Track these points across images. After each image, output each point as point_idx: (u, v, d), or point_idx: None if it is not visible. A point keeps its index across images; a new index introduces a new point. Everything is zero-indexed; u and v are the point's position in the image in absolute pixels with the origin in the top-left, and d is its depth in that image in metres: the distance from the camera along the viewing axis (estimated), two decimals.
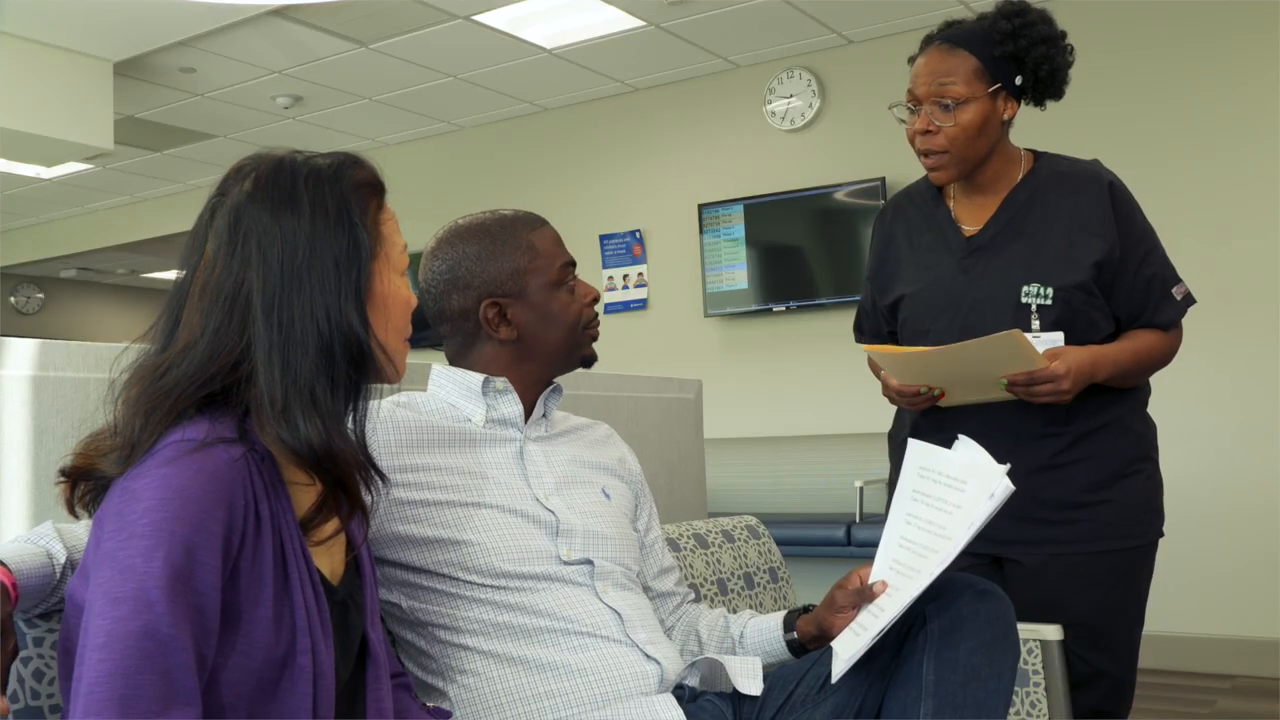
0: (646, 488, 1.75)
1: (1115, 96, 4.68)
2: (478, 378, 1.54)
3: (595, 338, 1.63)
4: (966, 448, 1.44)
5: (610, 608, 1.46)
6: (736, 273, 5.61)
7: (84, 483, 1.05)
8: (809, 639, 1.58)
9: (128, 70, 5.38)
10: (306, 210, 1.07)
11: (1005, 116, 1.91)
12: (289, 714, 1.01)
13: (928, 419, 1.95)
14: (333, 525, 1.10)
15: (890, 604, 1.40)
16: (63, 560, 1.09)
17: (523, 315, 1.55)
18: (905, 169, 5.26)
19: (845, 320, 5.40)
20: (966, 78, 1.85)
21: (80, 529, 1.12)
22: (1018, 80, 1.88)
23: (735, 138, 5.72)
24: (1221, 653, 4.33)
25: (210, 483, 0.98)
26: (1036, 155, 1.98)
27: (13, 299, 10.69)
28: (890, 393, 1.93)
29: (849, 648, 1.41)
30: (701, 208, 5.70)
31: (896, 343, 2.05)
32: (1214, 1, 4.51)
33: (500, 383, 1.54)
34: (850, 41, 5.35)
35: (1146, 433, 1.96)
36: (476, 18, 4.92)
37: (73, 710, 0.91)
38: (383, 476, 1.15)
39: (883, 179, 5.17)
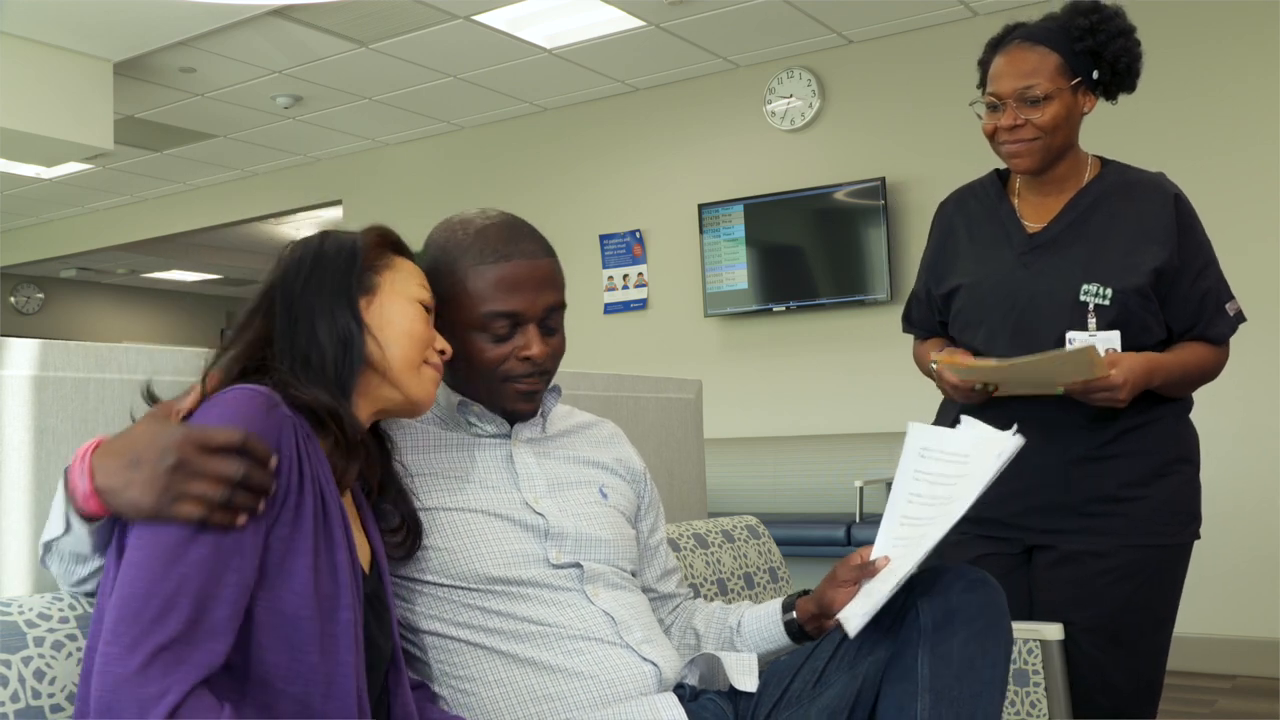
0: (654, 489, 1.72)
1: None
2: (456, 399, 1.52)
3: (525, 393, 1.49)
4: (970, 426, 1.44)
5: (602, 611, 1.45)
6: (736, 273, 5.61)
7: None
8: (808, 617, 1.58)
9: (128, 70, 5.38)
10: (315, 245, 1.31)
11: (1085, 110, 1.95)
12: (336, 664, 1.08)
13: (972, 409, 1.95)
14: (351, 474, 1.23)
15: (899, 566, 1.41)
16: None
17: (449, 339, 1.43)
18: (905, 169, 5.27)
19: (846, 320, 5.41)
20: (1050, 74, 1.89)
21: None
22: (1094, 75, 1.92)
23: (735, 138, 5.72)
24: (1221, 653, 4.33)
25: (260, 422, 1.08)
26: (1104, 162, 2.02)
27: (13, 299, 10.69)
28: (946, 387, 1.95)
29: (860, 607, 1.42)
30: (701, 208, 5.70)
31: (946, 333, 2.07)
32: (1214, 1, 4.52)
33: (476, 408, 1.51)
34: (850, 41, 5.35)
35: (1188, 437, 1.97)
36: (476, 18, 4.92)
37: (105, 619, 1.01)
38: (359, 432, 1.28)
39: (883, 179, 5.17)
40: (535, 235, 1.53)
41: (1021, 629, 1.84)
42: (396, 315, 1.32)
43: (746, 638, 1.63)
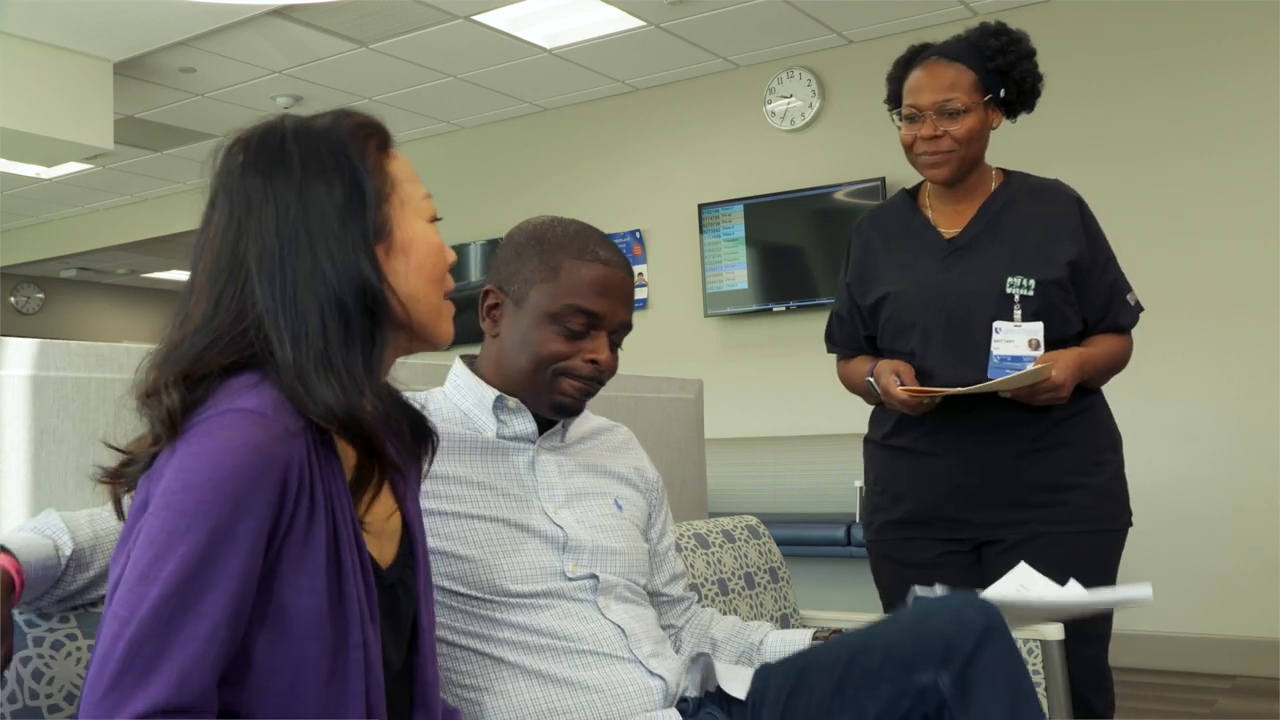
0: (664, 495, 1.72)
1: (1116, 96, 4.68)
2: (491, 394, 1.50)
3: (573, 393, 1.48)
4: (1077, 586, 1.57)
5: (613, 623, 1.45)
6: (736, 273, 5.61)
7: (128, 472, 1.01)
8: None
9: (128, 70, 5.38)
10: (297, 164, 1.03)
11: (993, 126, 2.07)
12: (343, 710, 0.98)
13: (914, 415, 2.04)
14: (370, 495, 1.05)
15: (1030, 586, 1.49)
16: (68, 553, 1.08)
17: (508, 321, 1.49)
18: (905, 169, 5.24)
19: None
20: (967, 89, 2.01)
21: (84, 519, 1.12)
22: (1002, 93, 2.04)
23: (735, 138, 5.72)
24: (1221, 653, 4.33)
25: (263, 461, 0.93)
26: (1006, 172, 2.13)
27: (13, 299, 10.68)
28: (893, 400, 2.00)
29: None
30: (701, 208, 5.69)
31: (875, 347, 2.16)
32: (1214, 1, 4.51)
33: (513, 402, 1.50)
34: (850, 41, 5.35)
35: (1113, 426, 2.11)
36: (476, 18, 4.92)
37: (88, 676, 0.91)
38: (425, 426, 1.13)
39: (883, 179, 5.17)
40: (626, 257, 1.57)
41: (1021, 629, 1.84)
42: (418, 254, 1.08)
43: (768, 657, 1.62)
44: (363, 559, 1.03)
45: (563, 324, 1.45)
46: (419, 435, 1.15)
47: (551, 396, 1.48)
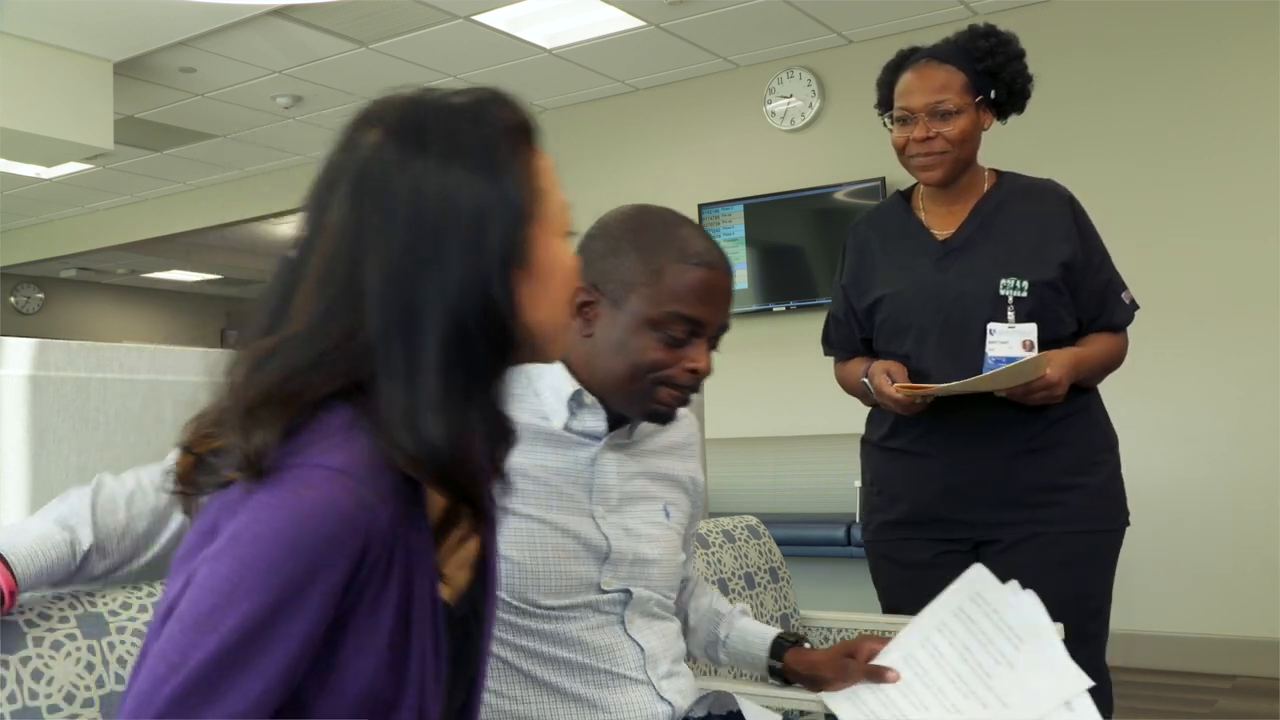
0: (701, 497, 1.68)
1: (1116, 96, 4.68)
2: (570, 387, 1.42)
3: (671, 402, 1.41)
4: (1034, 602, 1.50)
5: (634, 641, 1.43)
6: (736, 273, 5.57)
7: (201, 481, 0.91)
8: (797, 676, 1.59)
9: (128, 70, 5.38)
10: (438, 156, 0.89)
11: (985, 127, 2.08)
12: None
13: (908, 415, 2.05)
14: (458, 536, 0.95)
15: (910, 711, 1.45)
16: (85, 548, 1.09)
17: (604, 322, 1.39)
18: (905, 170, 5.25)
19: None
20: (958, 90, 2.02)
21: (122, 501, 1.12)
22: (992, 94, 2.05)
23: (735, 138, 5.72)
24: (1221, 653, 4.33)
25: (345, 528, 0.84)
26: (999, 173, 2.14)
27: (13, 299, 10.69)
28: (886, 400, 2.01)
29: (847, 713, 1.48)
30: (701, 208, 5.69)
31: (867, 350, 2.16)
32: (1214, 1, 4.51)
33: (590, 399, 1.43)
34: (850, 41, 5.35)
35: (1109, 426, 2.11)
36: (476, 18, 4.92)
37: (120, 709, 0.85)
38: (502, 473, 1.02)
39: (883, 179, 5.17)
40: (723, 252, 1.47)
41: None
42: (554, 279, 0.96)
43: (733, 654, 1.66)
44: (435, 614, 0.94)
45: (664, 331, 1.37)
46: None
47: (647, 405, 1.41)
